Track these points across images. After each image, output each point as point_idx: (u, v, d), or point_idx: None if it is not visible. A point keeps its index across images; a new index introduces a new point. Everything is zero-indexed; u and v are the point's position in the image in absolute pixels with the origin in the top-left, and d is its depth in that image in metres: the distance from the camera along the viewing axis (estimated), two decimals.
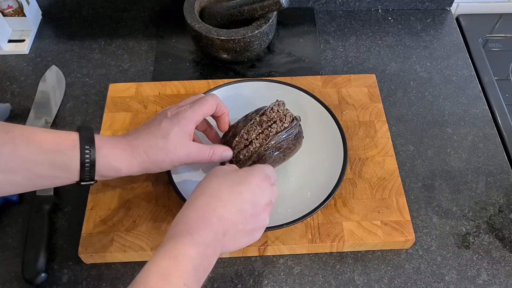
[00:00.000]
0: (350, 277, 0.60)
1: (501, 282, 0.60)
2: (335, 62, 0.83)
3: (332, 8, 0.91)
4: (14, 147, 0.46)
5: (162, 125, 0.53)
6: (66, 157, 0.48)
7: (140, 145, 0.52)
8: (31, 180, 0.48)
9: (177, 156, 0.54)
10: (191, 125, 0.55)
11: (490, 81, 0.81)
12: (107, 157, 0.50)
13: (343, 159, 0.64)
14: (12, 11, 0.84)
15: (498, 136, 0.74)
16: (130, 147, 0.52)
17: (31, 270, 0.58)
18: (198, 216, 0.46)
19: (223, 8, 0.78)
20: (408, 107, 0.77)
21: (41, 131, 0.48)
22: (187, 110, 0.55)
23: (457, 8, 0.93)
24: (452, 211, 0.66)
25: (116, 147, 0.51)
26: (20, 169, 0.47)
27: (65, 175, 0.49)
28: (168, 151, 0.53)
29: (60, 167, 0.48)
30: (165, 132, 0.53)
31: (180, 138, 0.53)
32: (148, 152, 0.52)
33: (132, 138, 0.53)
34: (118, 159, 0.51)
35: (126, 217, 0.62)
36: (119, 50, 0.85)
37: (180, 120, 0.54)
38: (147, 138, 0.53)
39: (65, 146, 0.48)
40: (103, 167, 0.50)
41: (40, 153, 0.47)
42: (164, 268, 0.42)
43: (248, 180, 0.50)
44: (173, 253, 0.43)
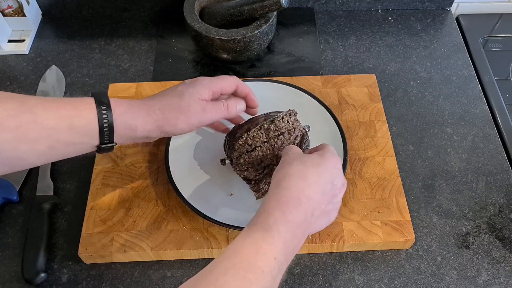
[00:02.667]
0: (350, 277, 0.60)
1: (501, 282, 0.60)
2: (335, 62, 0.83)
3: (332, 8, 0.91)
4: (33, 115, 0.46)
5: (178, 88, 0.56)
6: (85, 120, 0.49)
7: (156, 104, 0.54)
8: (54, 148, 0.48)
9: (192, 113, 0.54)
10: (207, 91, 0.56)
11: (490, 81, 0.81)
12: (123, 116, 0.51)
13: (343, 159, 0.64)
14: (12, 11, 0.84)
15: (498, 136, 0.74)
16: (145, 106, 0.53)
17: (31, 269, 0.58)
18: (289, 194, 0.46)
19: (223, 8, 0.78)
20: (408, 107, 0.77)
21: (57, 99, 0.49)
22: (205, 79, 0.57)
23: (457, 8, 0.93)
24: (452, 211, 0.66)
25: (131, 106, 0.52)
26: (41, 137, 0.47)
27: (85, 139, 0.50)
28: (182, 109, 0.54)
29: (80, 131, 0.49)
30: (180, 92, 0.55)
31: (194, 98, 0.55)
32: (163, 110, 0.53)
33: (147, 99, 0.55)
34: (133, 117, 0.52)
35: (126, 217, 0.62)
36: (119, 50, 0.85)
37: (196, 84, 0.56)
38: (162, 98, 0.55)
39: (82, 109, 0.49)
40: (120, 126, 0.51)
41: (59, 118, 0.47)
42: (257, 240, 0.42)
43: (326, 162, 0.50)
44: (265, 226, 0.43)
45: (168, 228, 0.61)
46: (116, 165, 0.67)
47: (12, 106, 0.45)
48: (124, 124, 0.51)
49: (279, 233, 0.43)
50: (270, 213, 0.44)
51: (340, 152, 0.65)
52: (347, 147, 0.65)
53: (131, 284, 0.59)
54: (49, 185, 0.66)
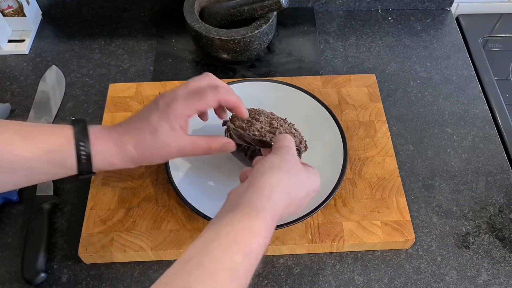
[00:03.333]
0: (350, 277, 0.60)
1: (501, 282, 0.60)
2: (335, 62, 0.83)
3: (332, 8, 0.91)
4: (9, 148, 0.46)
5: (151, 118, 0.51)
6: (62, 155, 0.49)
7: (130, 142, 0.51)
8: (31, 177, 0.49)
9: (168, 152, 0.52)
10: (182, 121, 0.51)
11: (490, 81, 0.81)
12: (101, 153, 0.50)
13: (343, 159, 0.64)
14: (12, 11, 0.84)
15: (498, 136, 0.74)
16: (121, 143, 0.51)
17: (30, 269, 0.58)
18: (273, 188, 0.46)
19: (223, 8, 0.78)
20: (408, 107, 0.77)
21: (36, 128, 0.49)
22: (179, 102, 0.51)
23: (457, 8, 0.93)
24: (452, 211, 0.66)
25: (108, 143, 0.51)
26: (18, 169, 0.47)
27: (63, 171, 0.50)
28: (158, 148, 0.51)
29: (58, 164, 0.49)
30: (154, 128, 0.50)
31: (170, 134, 0.51)
32: (138, 149, 0.51)
33: (123, 132, 0.52)
34: (112, 155, 0.51)
35: (126, 217, 0.62)
36: (119, 50, 0.85)
37: (170, 114, 0.50)
38: (136, 134, 0.51)
39: (60, 143, 0.49)
40: (99, 162, 0.51)
41: (37, 152, 0.47)
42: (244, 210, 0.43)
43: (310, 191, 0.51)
44: (247, 208, 0.43)
45: (168, 228, 0.61)
46: None
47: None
48: (102, 161, 0.51)
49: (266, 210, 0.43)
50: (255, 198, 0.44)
51: (340, 152, 0.65)
52: (347, 147, 0.65)
53: (131, 284, 0.59)
54: (49, 185, 0.66)
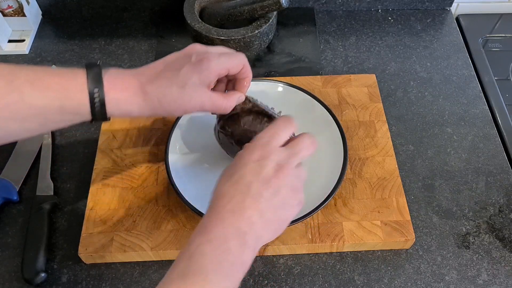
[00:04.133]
0: (350, 277, 0.60)
1: (501, 282, 0.60)
2: (335, 62, 0.83)
3: (332, 8, 0.91)
4: (20, 95, 0.45)
5: (182, 71, 0.50)
6: (76, 102, 0.47)
7: (154, 91, 0.49)
8: (44, 125, 0.48)
9: (190, 107, 0.51)
10: (212, 77, 0.51)
11: (490, 81, 0.81)
12: (117, 101, 0.48)
13: (343, 159, 0.64)
14: (12, 11, 0.84)
15: (498, 136, 0.74)
16: (142, 93, 0.49)
17: (30, 269, 0.58)
18: (211, 216, 0.45)
19: (223, 8, 0.78)
20: (408, 107, 0.77)
21: (47, 75, 0.47)
22: (213, 59, 0.51)
23: (457, 8, 0.93)
24: (452, 211, 0.66)
25: (126, 90, 0.49)
26: (30, 116, 0.46)
27: (77, 118, 0.48)
28: (182, 102, 0.50)
29: (71, 112, 0.47)
30: (183, 81, 0.49)
31: (197, 89, 0.50)
32: (161, 100, 0.49)
33: (146, 80, 0.49)
34: (128, 103, 0.49)
35: (126, 217, 0.62)
36: (119, 50, 0.85)
37: (203, 70, 0.50)
38: (162, 84, 0.49)
39: (73, 90, 0.47)
40: (113, 109, 0.49)
41: (49, 100, 0.46)
42: (181, 269, 0.42)
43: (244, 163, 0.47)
44: (187, 254, 0.42)
45: (168, 228, 0.61)
46: (116, 165, 0.67)
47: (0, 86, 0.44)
48: (118, 108, 0.49)
49: (204, 254, 0.42)
50: (192, 240, 0.43)
51: (340, 152, 0.65)
52: (347, 147, 0.65)
53: (131, 284, 0.59)
54: (49, 185, 0.66)
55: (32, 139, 0.71)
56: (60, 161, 0.70)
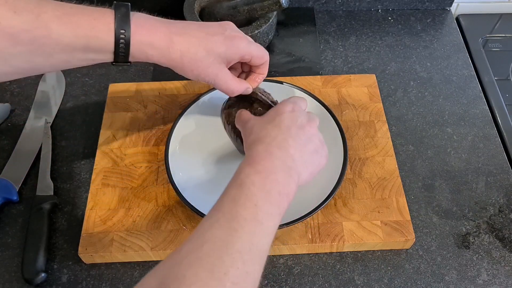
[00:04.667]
0: (350, 277, 0.60)
1: (501, 282, 0.60)
2: (335, 62, 0.83)
3: (332, 8, 0.91)
4: (47, 31, 0.45)
5: (214, 37, 0.52)
6: (102, 41, 0.48)
7: (180, 44, 0.51)
8: (69, 62, 0.49)
9: (206, 74, 0.53)
10: (236, 56, 0.54)
11: (490, 81, 0.81)
12: (141, 45, 0.50)
13: (343, 159, 0.64)
14: None
15: (498, 136, 0.74)
16: (168, 41, 0.51)
17: (30, 269, 0.58)
18: (256, 154, 0.48)
19: (223, 8, 0.78)
20: (408, 107, 0.77)
21: (76, 11, 0.47)
22: (244, 40, 0.55)
23: (457, 8, 0.93)
24: (452, 211, 0.66)
25: (153, 34, 0.50)
26: (56, 52, 0.47)
27: (100, 57, 0.49)
28: (201, 65, 0.52)
29: (95, 51, 0.48)
30: (211, 47, 0.52)
31: (218, 61, 0.53)
32: (183, 57, 0.51)
33: (176, 31, 0.52)
34: (152, 48, 0.50)
35: (126, 217, 0.62)
36: None
37: (232, 45, 0.53)
38: (191, 41, 0.52)
39: (100, 29, 0.47)
40: (136, 52, 0.50)
41: (75, 37, 0.46)
42: (233, 195, 0.45)
43: (280, 112, 0.52)
44: (239, 182, 0.45)
45: (168, 228, 0.61)
46: (116, 165, 0.67)
47: (27, 19, 0.44)
48: (140, 52, 0.50)
49: (253, 183, 0.45)
50: (241, 171, 0.47)
51: (340, 152, 0.65)
52: (347, 147, 0.65)
53: (131, 284, 0.59)
54: (49, 185, 0.66)
55: (32, 139, 0.71)
56: (60, 161, 0.70)
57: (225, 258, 0.39)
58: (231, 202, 0.44)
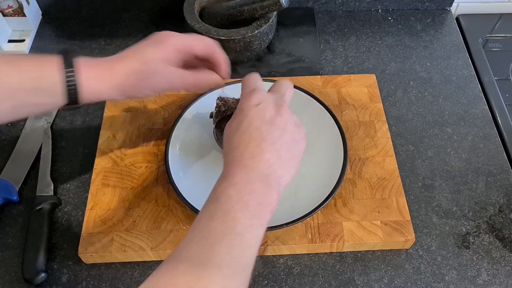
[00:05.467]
0: (350, 277, 0.60)
1: (501, 282, 0.60)
2: (335, 62, 0.83)
3: (332, 8, 0.91)
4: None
5: (143, 49, 0.53)
6: (50, 82, 0.49)
7: (121, 68, 0.52)
8: (19, 107, 0.49)
9: (158, 82, 0.53)
10: (171, 52, 0.53)
11: (490, 81, 0.81)
12: (89, 81, 0.50)
13: (343, 159, 0.64)
14: (12, 11, 0.83)
15: (498, 136, 0.74)
16: (110, 71, 0.52)
17: (31, 270, 0.58)
18: (231, 163, 0.47)
19: (223, 8, 0.78)
20: (408, 107, 0.77)
21: (23, 58, 0.49)
22: (171, 35, 0.54)
23: (457, 8, 0.93)
24: (452, 211, 0.66)
25: (97, 69, 0.51)
26: (5, 97, 0.47)
27: (50, 100, 0.50)
28: (148, 76, 0.52)
29: (45, 93, 0.49)
30: (144, 56, 0.52)
31: (160, 64, 0.53)
32: (129, 76, 0.52)
33: (114, 60, 0.53)
34: (98, 83, 0.51)
35: (126, 217, 0.62)
36: (119, 50, 0.83)
37: (162, 44, 0.53)
38: (127, 61, 0.52)
39: (48, 71, 0.48)
40: (85, 90, 0.50)
41: (24, 80, 0.47)
42: (209, 211, 0.44)
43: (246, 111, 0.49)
44: (215, 197, 0.45)
45: (168, 228, 0.61)
46: (116, 165, 0.67)
47: None
48: (90, 89, 0.50)
49: (230, 197, 0.44)
50: (217, 186, 0.46)
51: (340, 152, 0.65)
52: (347, 147, 0.65)
53: (131, 284, 0.59)
54: (49, 185, 0.66)
55: (32, 139, 0.71)
56: (60, 161, 0.70)
57: (202, 274, 0.39)
58: (207, 218, 0.43)
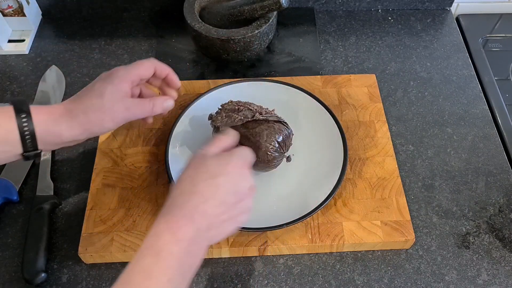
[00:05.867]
0: (350, 277, 0.60)
1: (501, 282, 0.60)
2: (335, 62, 0.83)
3: (332, 8, 0.91)
4: None
5: (96, 86, 0.53)
6: (4, 130, 0.48)
7: (77, 107, 0.52)
8: None
9: (116, 113, 0.53)
10: (125, 84, 0.54)
11: (490, 81, 0.81)
12: (45, 123, 0.50)
13: (343, 159, 0.64)
14: (12, 11, 0.83)
15: (498, 136, 0.74)
16: (66, 111, 0.51)
17: (31, 270, 0.58)
18: (179, 213, 0.45)
19: (223, 8, 0.78)
20: (408, 107, 0.77)
21: None
22: (120, 70, 0.55)
23: (457, 8, 0.93)
24: (452, 211, 0.66)
25: (52, 113, 0.51)
26: None
27: (7, 148, 0.49)
28: (105, 109, 0.52)
29: (0, 142, 0.48)
30: (100, 92, 0.52)
31: (115, 96, 0.53)
32: (87, 112, 0.52)
33: (67, 102, 0.53)
34: (56, 124, 0.50)
35: (126, 217, 0.62)
36: (119, 50, 0.85)
37: (113, 79, 0.53)
38: (82, 101, 0.52)
39: (1, 118, 0.48)
40: (42, 133, 0.50)
41: None
42: (147, 265, 0.41)
43: (227, 170, 0.48)
44: (155, 250, 0.42)
45: None
46: (116, 165, 0.67)
47: None
48: (46, 131, 0.50)
49: (172, 254, 0.42)
50: (160, 236, 0.43)
51: (340, 152, 0.65)
52: (347, 147, 0.65)
53: None
54: (49, 185, 0.66)
55: None
56: (60, 161, 0.70)
57: None
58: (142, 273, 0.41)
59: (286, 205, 0.61)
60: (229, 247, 0.59)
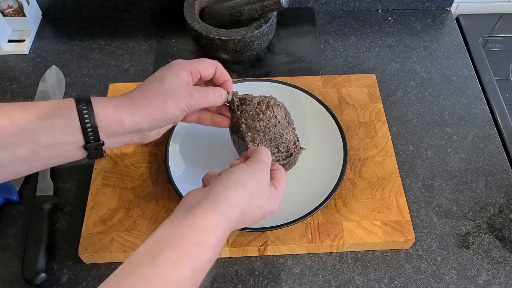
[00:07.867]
0: (350, 277, 0.60)
1: (501, 282, 0.60)
2: (335, 62, 0.83)
3: (332, 8, 0.91)
4: (10, 119, 0.45)
5: (156, 74, 0.53)
6: (65, 117, 0.47)
7: (137, 93, 0.51)
8: (37, 152, 0.46)
9: (178, 96, 0.52)
10: (184, 72, 0.53)
11: (490, 81, 0.81)
12: (104, 110, 0.48)
13: (343, 159, 0.64)
14: (12, 11, 0.84)
15: (498, 136, 0.74)
16: (126, 97, 0.51)
17: (31, 270, 0.58)
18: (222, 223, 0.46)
19: (223, 8, 0.78)
20: (408, 107, 0.77)
21: (35, 102, 0.47)
22: (181, 60, 0.55)
23: (457, 8, 0.93)
24: (452, 211, 0.66)
25: (111, 100, 0.50)
26: (21, 141, 0.45)
27: (68, 139, 0.47)
28: (167, 92, 0.51)
29: (61, 130, 0.47)
30: (160, 77, 0.52)
31: (175, 81, 0.52)
32: (147, 95, 0.50)
33: (127, 92, 0.52)
34: (116, 110, 0.49)
35: (126, 217, 0.62)
36: (119, 50, 0.85)
37: (173, 66, 0.54)
38: (142, 86, 0.52)
39: (62, 107, 0.47)
40: (103, 120, 0.48)
41: (38, 119, 0.46)
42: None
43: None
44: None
45: None
46: (116, 165, 0.67)
47: None
48: (107, 118, 0.48)
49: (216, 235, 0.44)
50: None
51: (340, 152, 0.65)
52: (347, 147, 0.65)
53: None
54: (49, 185, 0.66)
55: None
56: None
57: None
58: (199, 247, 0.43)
59: (286, 205, 0.61)
60: (229, 247, 0.59)
